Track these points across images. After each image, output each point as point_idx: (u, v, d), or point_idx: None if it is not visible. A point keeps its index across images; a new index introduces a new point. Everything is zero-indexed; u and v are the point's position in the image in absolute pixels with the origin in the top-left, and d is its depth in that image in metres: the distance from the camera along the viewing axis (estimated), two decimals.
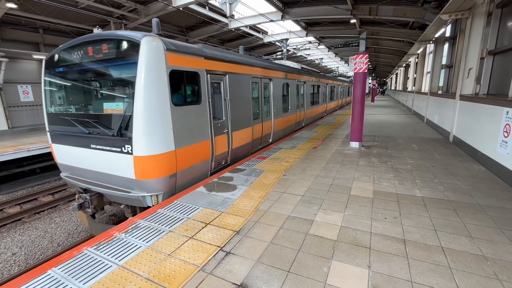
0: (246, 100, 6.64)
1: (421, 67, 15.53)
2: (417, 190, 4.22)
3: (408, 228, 3.10)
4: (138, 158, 3.93)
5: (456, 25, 9.68)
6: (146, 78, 3.77)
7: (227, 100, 5.77)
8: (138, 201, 4.22)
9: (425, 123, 11.68)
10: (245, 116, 6.61)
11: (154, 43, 3.90)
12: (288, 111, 9.96)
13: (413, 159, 6.03)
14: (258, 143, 7.62)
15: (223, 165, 5.88)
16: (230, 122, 5.89)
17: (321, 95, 15.74)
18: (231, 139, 5.94)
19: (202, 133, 4.93)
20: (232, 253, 2.72)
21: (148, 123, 3.87)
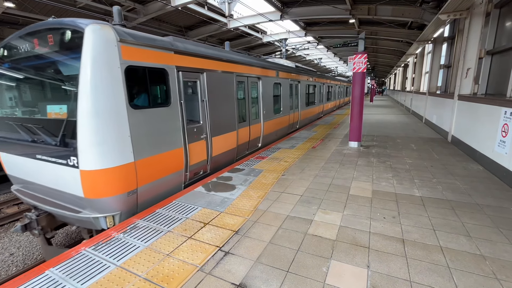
0: (230, 101, 5.98)
1: (420, 67, 15.57)
2: (415, 190, 4.23)
3: (407, 228, 3.10)
4: (86, 172, 3.26)
5: (454, 25, 9.71)
6: (92, 75, 3.12)
7: (205, 101, 5.09)
8: (90, 223, 3.57)
9: (424, 123, 11.71)
10: (229, 119, 5.97)
11: (102, 33, 3.22)
12: (280, 112, 9.36)
13: (411, 158, 6.04)
14: (245, 148, 7.00)
15: (201, 175, 5.22)
16: (210, 126, 5.22)
17: (317, 95, 15.22)
18: (210, 145, 5.27)
19: (173, 140, 4.30)
20: (231, 253, 2.71)
21: (96, 131, 3.19)
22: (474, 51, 6.75)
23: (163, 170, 4.15)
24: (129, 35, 3.56)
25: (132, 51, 3.59)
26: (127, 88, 3.48)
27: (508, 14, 6.03)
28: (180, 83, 4.44)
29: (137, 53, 3.66)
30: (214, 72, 5.36)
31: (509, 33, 5.89)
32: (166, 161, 4.19)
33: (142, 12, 12.35)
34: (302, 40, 19.90)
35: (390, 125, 11.37)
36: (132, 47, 3.58)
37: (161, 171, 4.11)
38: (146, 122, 3.80)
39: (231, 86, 6.03)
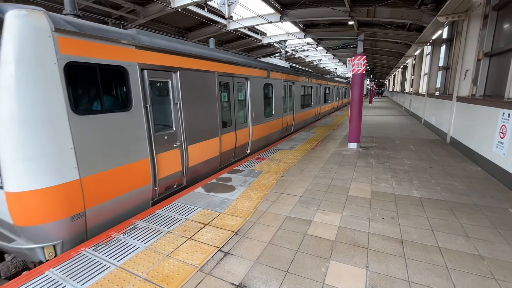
0: (211, 104, 5.35)
1: (419, 69, 15.64)
2: (414, 191, 4.25)
3: (405, 228, 3.12)
4: (12, 195, 2.68)
5: (453, 27, 9.77)
6: (17, 74, 2.53)
7: (179, 104, 4.49)
8: (24, 255, 2.98)
9: (423, 124, 11.75)
10: (210, 124, 5.33)
11: (30, 20, 2.61)
12: (272, 115, 8.70)
13: (410, 160, 6.06)
14: (230, 156, 6.38)
15: (175, 188, 4.59)
16: (185, 132, 4.62)
17: (313, 97, 14.57)
18: (186, 154, 4.67)
19: (135, 150, 3.65)
20: (231, 254, 2.72)
21: (22, 143, 2.60)
22: (472, 53, 6.79)
23: (123, 187, 3.51)
24: (70, 24, 2.91)
25: (75, 44, 2.96)
26: (69, 90, 2.88)
27: (506, 16, 6.08)
28: (145, 84, 3.83)
29: (82, 47, 3.03)
30: (190, 71, 4.74)
31: (507, 35, 5.94)
32: (126, 175, 3.54)
33: (142, 14, 12.39)
34: (302, 42, 19.98)
35: (389, 126, 11.40)
36: (75, 39, 2.95)
37: (120, 187, 3.47)
38: (97, 130, 3.19)
39: (213, 87, 5.39)
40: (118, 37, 3.44)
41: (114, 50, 3.40)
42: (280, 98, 9.50)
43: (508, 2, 5.88)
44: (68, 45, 2.90)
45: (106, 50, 3.31)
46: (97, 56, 3.20)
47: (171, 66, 4.34)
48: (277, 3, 12.60)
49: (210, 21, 14.21)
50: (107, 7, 11.48)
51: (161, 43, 4.14)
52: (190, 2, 10.76)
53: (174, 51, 4.38)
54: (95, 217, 3.24)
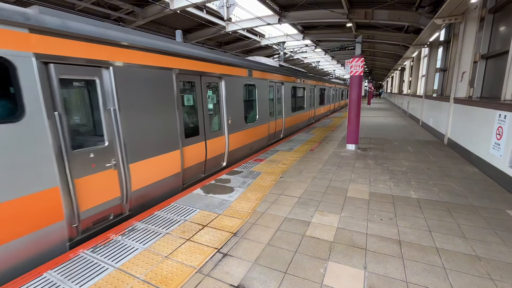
0: (167, 110, 4.33)
1: (416, 71, 15.74)
2: (412, 192, 4.27)
3: (403, 229, 3.14)
4: None
5: (450, 30, 9.86)
6: None
7: (114, 111, 3.41)
8: None
9: (420, 126, 11.81)
10: (165, 135, 4.30)
11: None
12: (255, 121, 7.66)
13: (408, 161, 6.09)
14: (199, 171, 5.33)
15: (112, 220, 3.54)
16: (124, 147, 3.57)
17: (306, 99, 13.52)
18: (127, 175, 3.63)
19: (31, 176, 2.64)
20: (229, 255, 2.73)
21: None
22: (469, 55, 6.86)
23: (17, 228, 2.56)
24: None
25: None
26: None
27: (501, 19, 6.15)
28: (53, 83, 2.83)
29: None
30: (132, 67, 3.65)
31: (503, 38, 6.00)
32: (19, 213, 2.56)
33: (141, 15, 12.41)
34: (300, 44, 20.06)
35: (387, 128, 11.46)
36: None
37: (13, 229, 2.53)
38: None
39: (169, 88, 4.35)
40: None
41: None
42: (266, 101, 8.42)
43: (505, 5, 5.95)
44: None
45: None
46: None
47: (99, 60, 3.25)
48: (275, 5, 12.66)
49: (208, 22, 14.24)
50: (106, 9, 11.49)
51: (81, 28, 3.05)
52: (189, 3, 10.79)
53: (103, 40, 3.27)
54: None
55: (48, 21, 2.77)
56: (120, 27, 3.71)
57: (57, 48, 2.85)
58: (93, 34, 3.18)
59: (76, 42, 3.02)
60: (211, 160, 5.69)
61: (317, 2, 11.95)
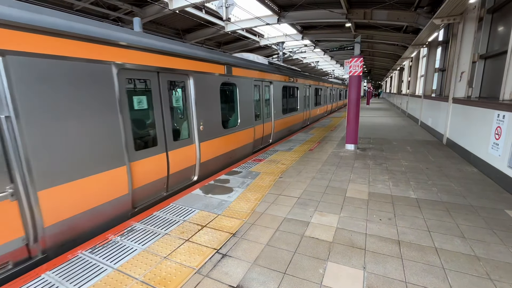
0: (104, 116, 3.38)
1: (415, 71, 15.77)
2: (411, 192, 4.27)
3: (402, 229, 3.13)
4: None
5: (448, 30, 9.88)
6: None
7: (7, 118, 2.53)
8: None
9: (419, 126, 11.83)
10: (101, 149, 3.36)
11: None
12: (236, 125, 6.66)
13: (407, 161, 6.10)
14: (158, 188, 4.35)
15: (12, 270, 2.64)
16: (28, 170, 2.66)
17: (300, 99, 12.60)
18: (34, 206, 2.72)
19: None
20: (228, 256, 2.72)
21: None
22: (467, 55, 6.87)
23: None
24: None
25: None
26: None
27: (500, 19, 6.16)
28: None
29: None
30: (41, 59, 2.74)
31: (502, 38, 6.01)
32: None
33: (139, 15, 12.37)
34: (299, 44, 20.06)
35: (386, 128, 11.47)
36: None
37: None
38: None
39: (106, 87, 3.41)
40: None
41: None
42: (250, 102, 7.42)
43: (503, 5, 5.96)
44: None
45: None
46: None
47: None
48: (274, 5, 12.66)
49: (208, 22, 14.23)
50: (105, 9, 11.47)
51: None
52: (188, 3, 10.78)
53: None
54: None
55: None
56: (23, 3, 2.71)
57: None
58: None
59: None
60: (176, 175, 4.68)
61: (316, 2, 11.96)
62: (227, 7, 7.59)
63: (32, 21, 2.64)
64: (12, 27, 2.51)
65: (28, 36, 2.64)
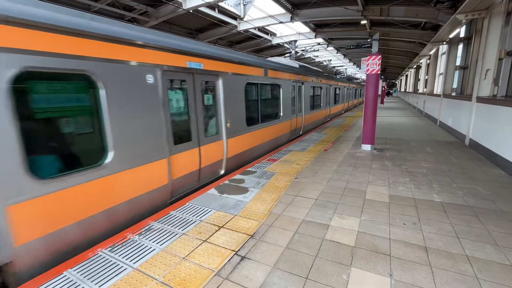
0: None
1: (433, 69, 15.22)
2: (435, 195, 4.08)
3: (429, 235, 2.98)
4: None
5: (471, 26, 9.44)
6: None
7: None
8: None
9: (438, 126, 11.40)
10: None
11: None
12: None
13: (428, 162, 5.86)
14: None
15: None
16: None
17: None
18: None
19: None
20: (248, 258, 2.66)
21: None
22: (493, 52, 6.53)
23: None
24: None
25: None
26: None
27: None
28: None
29: None
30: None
31: None
32: None
33: (154, 15, 12.53)
34: (312, 42, 19.79)
35: (403, 128, 11.12)
36: None
37: None
38: None
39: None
40: None
41: None
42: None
43: None
44: None
45: None
46: None
47: None
48: (288, 3, 12.50)
49: (220, 22, 14.24)
50: (120, 9, 11.66)
51: None
52: (202, 3, 10.80)
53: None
54: None
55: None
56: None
57: None
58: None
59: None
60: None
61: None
62: (245, 4, 7.48)
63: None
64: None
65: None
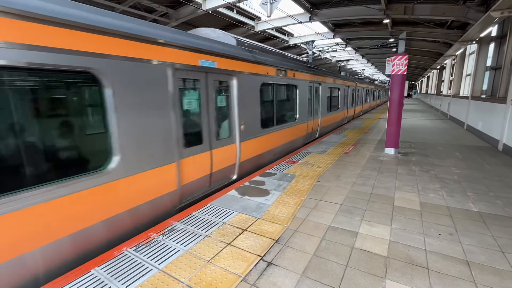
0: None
1: (460, 69, 14.50)
2: (471, 204, 3.81)
3: (469, 248, 2.76)
4: None
5: (504, 24, 8.89)
6: None
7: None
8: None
9: (465, 129, 10.82)
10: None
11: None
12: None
13: (459, 168, 5.52)
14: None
15: None
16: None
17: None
18: None
19: None
20: (274, 264, 2.56)
21: None
22: None
23: None
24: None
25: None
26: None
27: None
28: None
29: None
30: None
31: None
32: None
33: (174, 17, 12.72)
34: (330, 42, 19.42)
35: (427, 131, 10.64)
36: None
37: None
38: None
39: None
40: None
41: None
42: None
43: None
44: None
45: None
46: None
47: None
48: (307, 2, 12.32)
49: (239, 22, 14.26)
50: (142, 11, 11.93)
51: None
52: (221, 4, 10.84)
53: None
54: None
55: None
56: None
57: None
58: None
59: None
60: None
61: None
62: (271, 2, 7.37)
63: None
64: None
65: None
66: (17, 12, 2.12)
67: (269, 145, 6.36)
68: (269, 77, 6.18)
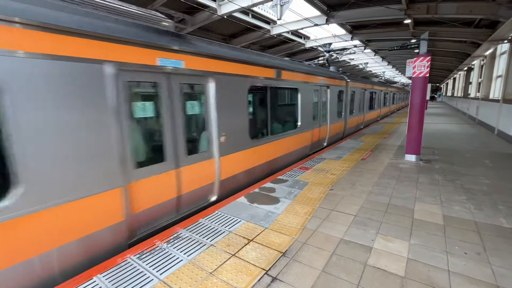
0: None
1: (489, 71, 13.57)
2: (502, 219, 3.44)
3: (500, 270, 2.46)
4: None
5: None
6: None
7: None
8: None
9: (496, 135, 10.03)
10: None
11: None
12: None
13: (488, 178, 5.06)
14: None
15: None
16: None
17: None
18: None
19: None
20: (279, 279, 2.41)
21: None
22: None
23: None
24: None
25: None
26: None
27: None
28: None
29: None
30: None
31: None
32: None
33: (190, 22, 12.97)
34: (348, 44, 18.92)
35: (452, 136, 9.98)
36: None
37: None
38: None
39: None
40: None
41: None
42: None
43: None
44: None
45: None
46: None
47: None
48: (323, 4, 12.09)
49: (254, 26, 14.29)
50: None
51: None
52: (236, 8, 10.89)
53: None
54: None
55: None
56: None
57: None
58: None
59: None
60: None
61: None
62: (281, 5, 7.26)
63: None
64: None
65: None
66: None
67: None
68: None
